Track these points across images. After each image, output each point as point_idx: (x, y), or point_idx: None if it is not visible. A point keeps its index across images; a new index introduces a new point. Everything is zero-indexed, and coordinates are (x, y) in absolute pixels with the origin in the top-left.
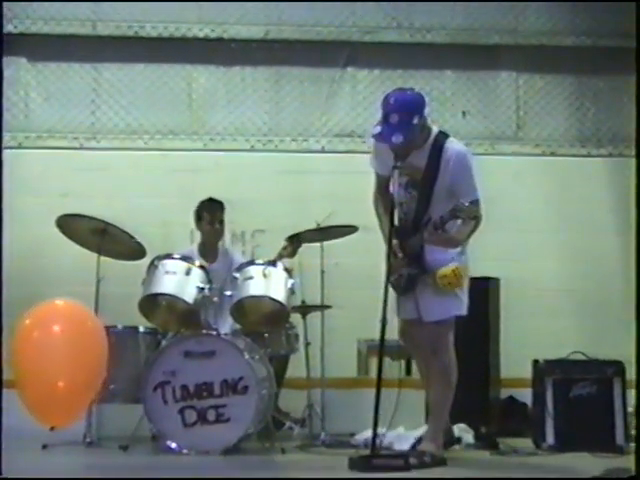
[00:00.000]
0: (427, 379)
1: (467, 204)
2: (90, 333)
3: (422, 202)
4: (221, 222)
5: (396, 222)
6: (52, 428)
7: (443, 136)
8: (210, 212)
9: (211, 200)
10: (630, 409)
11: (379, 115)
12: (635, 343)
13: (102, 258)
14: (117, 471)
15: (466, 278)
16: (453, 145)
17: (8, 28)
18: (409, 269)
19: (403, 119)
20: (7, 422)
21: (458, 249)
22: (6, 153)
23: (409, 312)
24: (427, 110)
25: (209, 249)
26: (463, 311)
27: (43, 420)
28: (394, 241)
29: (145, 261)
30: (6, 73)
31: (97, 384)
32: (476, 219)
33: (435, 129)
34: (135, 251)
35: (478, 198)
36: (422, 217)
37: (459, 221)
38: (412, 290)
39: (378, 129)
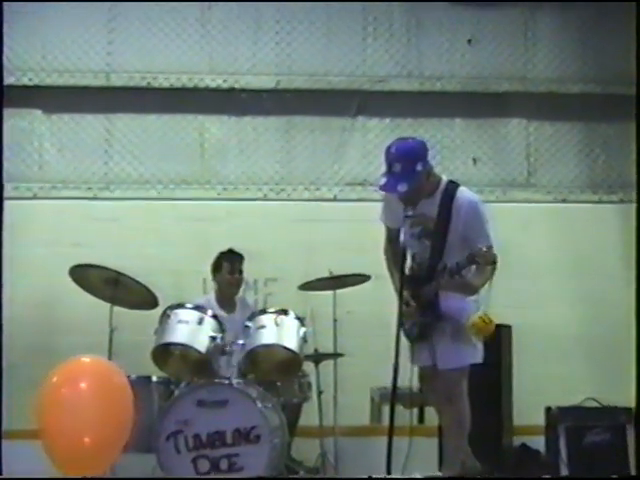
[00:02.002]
0: (442, 427)
1: (485, 249)
2: (116, 389)
3: (435, 251)
4: (240, 273)
5: (408, 271)
6: None
7: (453, 185)
8: (230, 262)
9: (231, 251)
10: None
11: (384, 166)
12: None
13: (115, 308)
14: None
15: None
16: (464, 194)
17: (23, 80)
18: (422, 317)
19: (406, 167)
20: (22, 473)
21: (473, 297)
22: (21, 204)
23: (424, 359)
24: (433, 157)
25: (227, 299)
26: (479, 359)
27: (69, 474)
28: (405, 291)
29: (158, 310)
30: (21, 124)
31: (123, 439)
32: (493, 264)
33: (445, 178)
34: (148, 301)
35: (492, 245)
36: (436, 266)
37: (474, 267)
38: (426, 338)
39: (383, 180)
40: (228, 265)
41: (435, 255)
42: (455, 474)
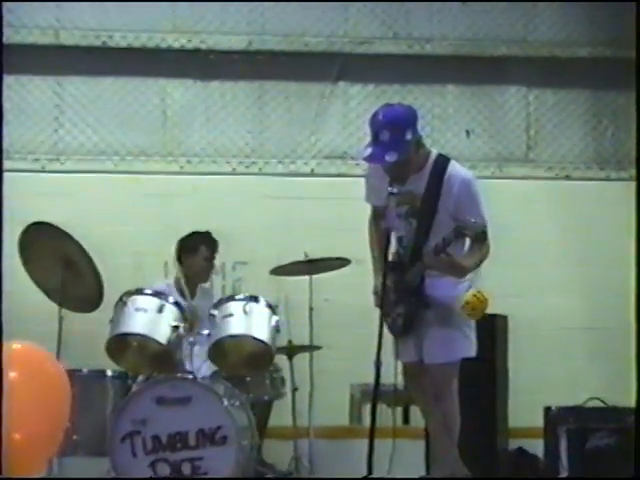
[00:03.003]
0: (429, 429)
1: (473, 220)
2: (51, 380)
3: (421, 231)
4: (213, 259)
5: (393, 256)
6: None
7: (444, 159)
8: (209, 247)
9: (209, 233)
10: None
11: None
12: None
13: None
14: None
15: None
16: (457, 170)
17: None
18: (407, 307)
19: (395, 135)
20: None
21: (466, 283)
22: None
23: (409, 355)
24: (422, 128)
25: (190, 286)
26: (472, 352)
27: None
28: (388, 279)
29: (113, 297)
30: None
31: (57, 437)
32: (483, 236)
33: (434, 152)
34: (93, 296)
35: (486, 227)
36: (422, 247)
37: (466, 247)
38: (411, 331)
39: (369, 150)
40: (205, 250)
41: (421, 235)
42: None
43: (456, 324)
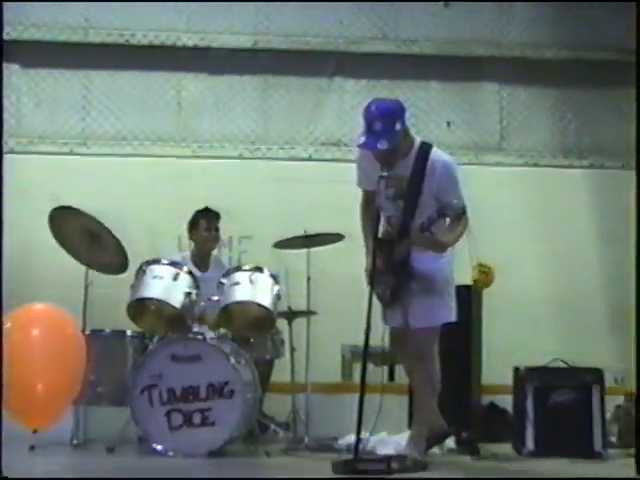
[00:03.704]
0: (412, 385)
1: (455, 201)
2: (68, 337)
3: (408, 211)
4: (216, 230)
5: (382, 234)
6: (35, 431)
7: (427, 146)
8: (207, 219)
9: (207, 209)
10: (608, 415)
11: (362, 126)
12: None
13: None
14: (103, 473)
15: (453, 282)
16: (438, 155)
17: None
18: (395, 280)
19: (386, 125)
20: None
21: (446, 256)
22: None
23: (396, 320)
24: (408, 118)
25: (202, 257)
26: (452, 318)
27: (24, 422)
28: (378, 256)
29: (133, 266)
30: None
31: (76, 387)
32: (463, 215)
33: (418, 139)
34: (119, 262)
35: (465, 206)
36: (409, 226)
37: (447, 224)
38: (398, 300)
39: (362, 139)
40: (205, 222)
41: (407, 215)
42: (424, 432)
43: (438, 293)
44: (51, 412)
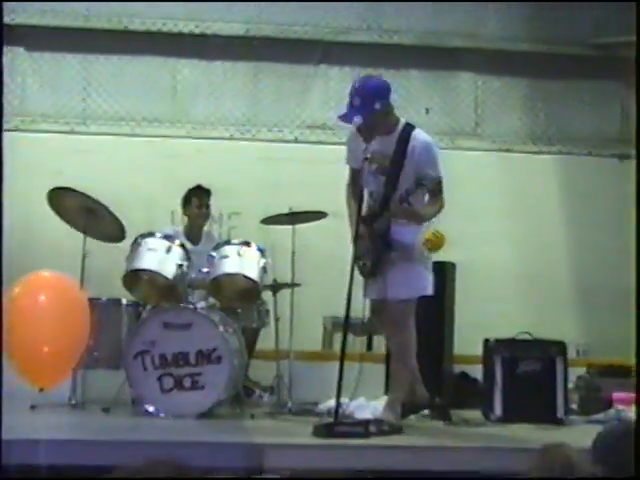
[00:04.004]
0: (390, 354)
1: (432, 174)
2: (73, 302)
3: (389, 185)
4: (207, 207)
5: (365, 210)
6: (41, 389)
7: (410, 127)
8: (199, 197)
9: (199, 187)
10: (570, 385)
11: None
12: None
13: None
14: (99, 431)
15: (431, 258)
16: (419, 134)
17: (7, 20)
18: (375, 252)
19: (365, 103)
20: None
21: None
22: (3, 135)
23: (375, 293)
24: (393, 98)
25: (194, 232)
26: (428, 292)
27: (31, 382)
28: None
29: (128, 239)
30: (4, 61)
31: (80, 349)
32: (439, 186)
33: (403, 120)
34: (116, 233)
35: (441, 181)
36: (389, 199)
37: (426, 198)
38: (378, 272)
39: (343, 112)
40: (196, 200)
41: (389, 189)
42: (400, 398)
43: (415, 267)
44: (56, 373)
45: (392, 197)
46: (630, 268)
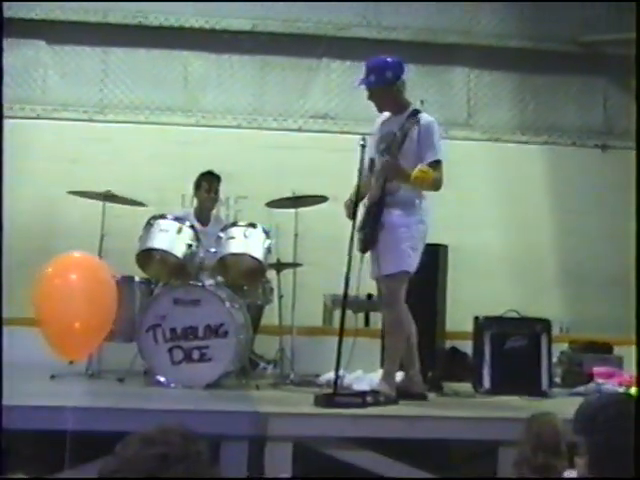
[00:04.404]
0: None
1: (430, 154)
2: (102, 282)
3: (386, 151)
4: (216, 192)
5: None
6: (71, 362)
7: (417, 111)
8: (209, 182)
9: (210, 172)
10: (554, 360)
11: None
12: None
13: (105, 218)
14: (114, 398)
15: (422, 242)
16: (423, 116)
17: (30, 15)
18: (368, 230)
19: (377, 69)
20: (22, 356)
21: (416, 217)
22: (26, 122)
23: (373, 272)
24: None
25: (204, 214)
26: (412, 268)
27: (62, 355)
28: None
29: (142, 220)
30: (28, 54)
31: (107, 326)
32: (437, 169)
33: (413, 105)
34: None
35: (440, 159)
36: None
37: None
38: (372, 250)
39: (359, 80)
40: (206, 184)
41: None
42: (394, 370)
43: (401, 246)
44: (86, 347)
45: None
46: (613, 251)
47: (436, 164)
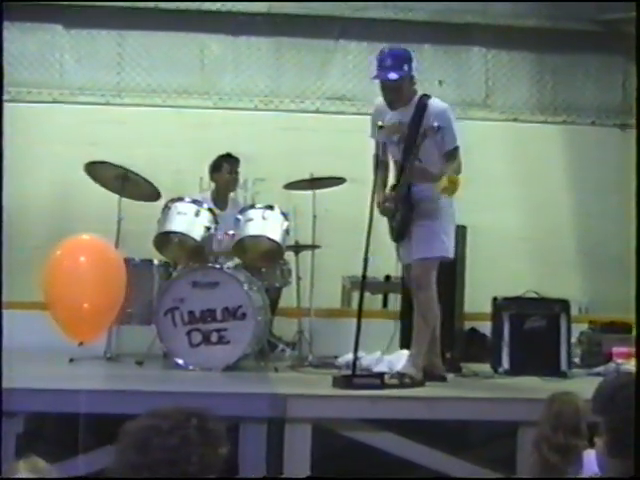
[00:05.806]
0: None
1: (447, 140)
2: (111, 263)
3: (406, 152)
4: (237, 173)
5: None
6: (80, 343)
7: (426, 97)
8: (230, 164)
9: (229, 154)
10: (573, 340)
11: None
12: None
13: (123, 200)
14: (133, 381)
15: (453, 224)
16: (435, 102)
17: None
18: (400, 215)
19: (395, 62)
20: (41, 339)
21: (443, 199)
22: (43, 106)
23: (405, 257)
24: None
25: (222, 197)
26: (450, 254)
27: (72, 336)
28: (387, 193)
29: (160, 203)
30: (45, 38)
31: (117, 307)
32: (455, 157)
33: (419, 92)
34: (151, 194)
35: (458, 146)
36: (408, 163)
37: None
38: (406, 236)
39: (375, 73)
40: (227, 166)
41: (406, 156)
42: (422, 352)
43: (436, 229)
44: (95, 328)
45: (410, 163)
46: (630, 231)
47: (455, 151)
